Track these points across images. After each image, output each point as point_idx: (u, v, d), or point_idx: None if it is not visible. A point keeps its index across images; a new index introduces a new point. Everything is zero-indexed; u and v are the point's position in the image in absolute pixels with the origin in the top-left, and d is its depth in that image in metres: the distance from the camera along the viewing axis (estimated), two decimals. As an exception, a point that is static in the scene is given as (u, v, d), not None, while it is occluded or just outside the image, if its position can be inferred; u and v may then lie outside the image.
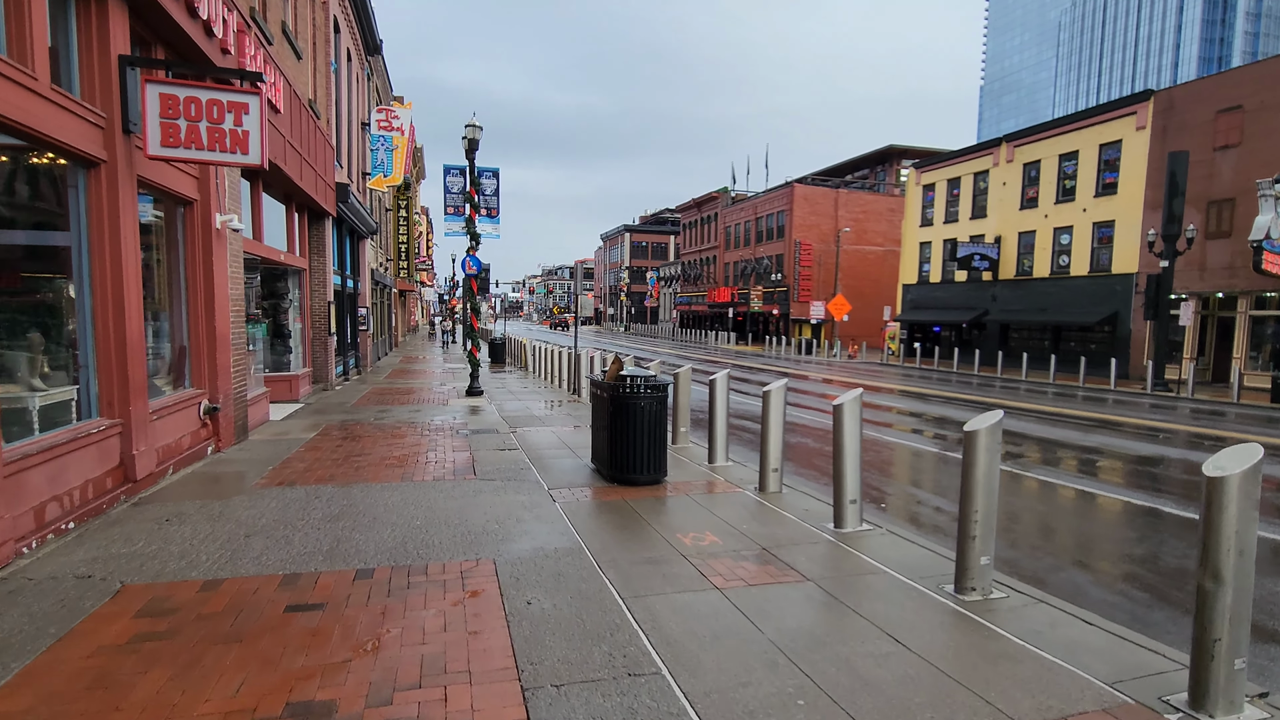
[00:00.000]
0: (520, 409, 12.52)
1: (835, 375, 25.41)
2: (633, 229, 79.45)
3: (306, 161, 12.32)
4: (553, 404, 13.37)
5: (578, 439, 9.43)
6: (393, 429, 10.00)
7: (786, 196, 46.97)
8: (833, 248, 45.70)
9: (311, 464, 7.53)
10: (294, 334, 13.43)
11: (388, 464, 7.61)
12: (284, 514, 5.53)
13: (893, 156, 49.96)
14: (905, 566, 4.64)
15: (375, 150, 20.82)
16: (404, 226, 27.28)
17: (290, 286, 13.33)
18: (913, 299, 37.08)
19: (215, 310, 7.92)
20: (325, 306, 14.74)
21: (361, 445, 8.70)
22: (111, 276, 5.81)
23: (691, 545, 5.01)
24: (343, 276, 17.58)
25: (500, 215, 14.86)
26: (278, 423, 10.38)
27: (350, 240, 19.57)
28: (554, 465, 7.74)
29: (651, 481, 6.88)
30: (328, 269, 14.89)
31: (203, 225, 7.80)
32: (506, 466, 7.61)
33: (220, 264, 8.07)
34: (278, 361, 12.98)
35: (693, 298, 61.89)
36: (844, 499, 5.42)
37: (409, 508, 5.81)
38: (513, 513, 5.75)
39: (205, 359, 7.89)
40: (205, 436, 7.80)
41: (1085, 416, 14.88)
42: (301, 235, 13.65)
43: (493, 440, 9.25)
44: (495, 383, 17.50)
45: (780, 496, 6.53)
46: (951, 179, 34.68)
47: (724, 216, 56.24)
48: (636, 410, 6.75)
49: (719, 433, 7.90)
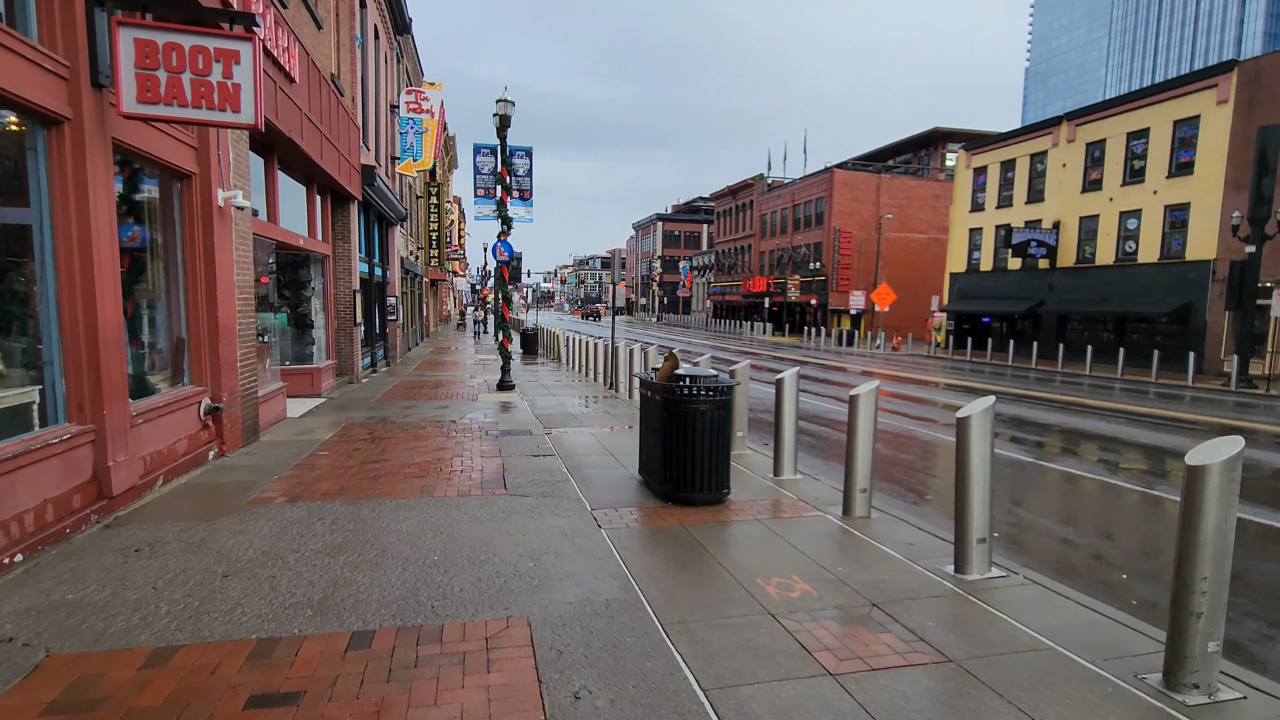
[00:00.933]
0: (555, 406, 11.50)
1: (885, 369, 23.93)
2: (665, 218, 78.00)
3: (328, 139, 11.42)
4: (589, 400, 12.33)
5: (619, 443, 8.35)
6: (417, 429, 9.06)
7: (826, 182, 45.14)
8: (873, 235, 43.82)
9: (322, 473, 6.58)
10: (317, 324, 12.60)
11: (407, 473, 6.63)
12: (276, 543, 4.56)
13: (938, 140, 47.70)
14: (1075, 639, 3.45)
15: (404, 134, 19.96)
16: (435, 214, 26.48)
17: (312, 274, 12.49)
18: (961, 288, 35.16)
19: (218, 298, 7.01)
20: (350, 295, 13.90)
21: (381, 449, 7.75)
22: (80, 257, 4.89)
23: (778, 598, 3.89)
24: (370, 264, 16.77)
25: (533, 198, 13.85)
26: (295, 421, 9.52)
27: (379, 227, 18.76)
28: (595, 477, 6.67)
29: (712, 501, 5.77)
30: (353, 256, 14.05)
31: (203, 202, 6.88)
32: (541, 478, 6.57)
33: (224, 246, 7.16)
34: (299, 353, 12.17)
35: (727, 287, 60.38)
36: (969, 536, 4.24)
37: (426, 535, 4.79)
38: (550, 544, 4.70)
39: (206, 353, 7.00)
40: (206, 440, 6.92)
41: (1200, 420, 13.30)
42: (324, 220, 12.79)
43: (525, 444, 8.23)
44: (527, 376, 16.54)
45: (870, 524, 5.36)
46: (1005, 161, 32.62)
47: (760, 204, 54.54)
48: (695, 417, 5.63)
49: (787, 442, 6.74)
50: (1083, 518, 6.66)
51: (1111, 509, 6.98)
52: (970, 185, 34.69)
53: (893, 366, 25.11)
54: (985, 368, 26.05)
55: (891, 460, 8.94)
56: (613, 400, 12.39)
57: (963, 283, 35.12)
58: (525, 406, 11.36)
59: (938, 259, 45.61)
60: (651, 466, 6.14)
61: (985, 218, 33.75)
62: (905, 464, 8.81)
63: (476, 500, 5.73)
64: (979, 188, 34.29)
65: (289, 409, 10.11)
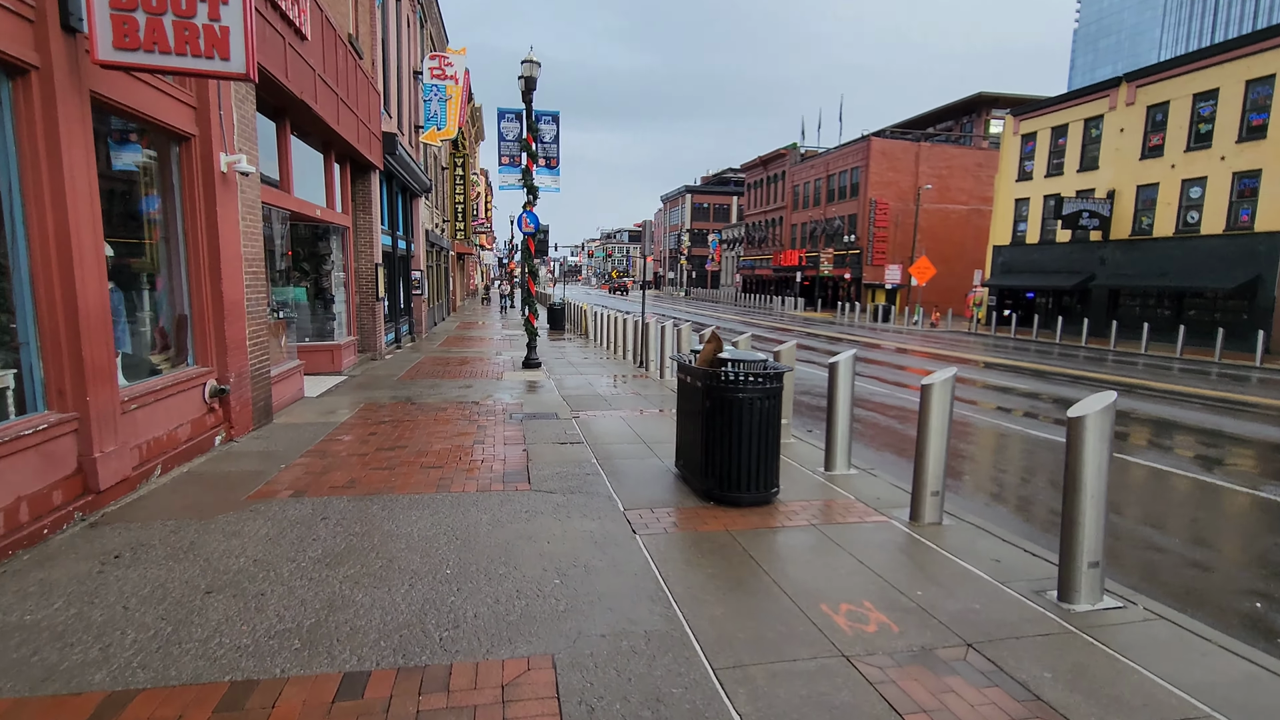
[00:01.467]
0: (582, 386, 10.91)
1: (927, 347, 22.88)
2: (694, 190, 76.39)
3: (345, 104, 10.80)
4: (618, 380, 11.71)
5: (652, 429, 7.73)
6: (438, 410, 8.54)
7: (862, 151, 43.39)
8: (911, 206, 42.12)
9: (333, 461, 6.08)
10: (337, 299, 12.13)
11: (424, 463, 6.09)
12: (272, 549, 4.04)
13: (982, 105, 45.45)
14: (1236, 705, 2.75)
15: (428, 101, 19.29)
16: (461, 185, 25.87)
17: (332, 247, 12.00)
18: (1004, 262, 33.59)
19: (222, 272, 6.49)
20: (372, 269, 13.42)
21: (399, 433, 7.24)
22: (55, 225, 4.36)
23: (851, 633, 3.24)
24: (393, 237, 16.27)
25: (560, 167, 13.14)
26: (312, 401, 9.08)
27: (402, 198, 18.22)
28: (627, 469, 6.06)
29: (759, 501, 5.12)
30: (375, 228, 13.53)
31: (203, 167, 6.32)
32: (569, 470, 5.98)
33: (228, 216, 6.62)
34: (319, 330, 11.73)
35: (756, 261, 59.02)
36: (1078, 559, 3.53)
37: (439, 542, 4.23)
38: (579, 554, 4.10)
39: (211, 331, 6.51)
40: (212, 424, 6.46)
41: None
42: (344, 189, 12.24)
43: (551, 429, 7.65)
44: (554, 353, 15.99)
45: (943, 532, 4.66)
46: (1056, 127, 30.78)
47: (792, 175, 52.86)
48: (742, 407, 4.96)
49: (841, 434, 6.03)
50: (1187, 525, 5.87)
51: (1222, 516, 6.16)
52: (1017, 153, 32.89)
53: (934, 344, 24.03)
54: (1030, 345, 24.81)
55: (950, 451, 8.18)
56: (643, 380, 11.76)
57: (1006, 256, 33.53)
58: (552, 386, 10.79)
59: (979, 231, 43.79)
60: (690, 460, 5.51)
61: (1033, 187, 32.02)
62: (966, 456, 8.05)
63: (497, 497, 5.16)
64: (1027, 155, 32.50)
65: (307, 388, 9.68)
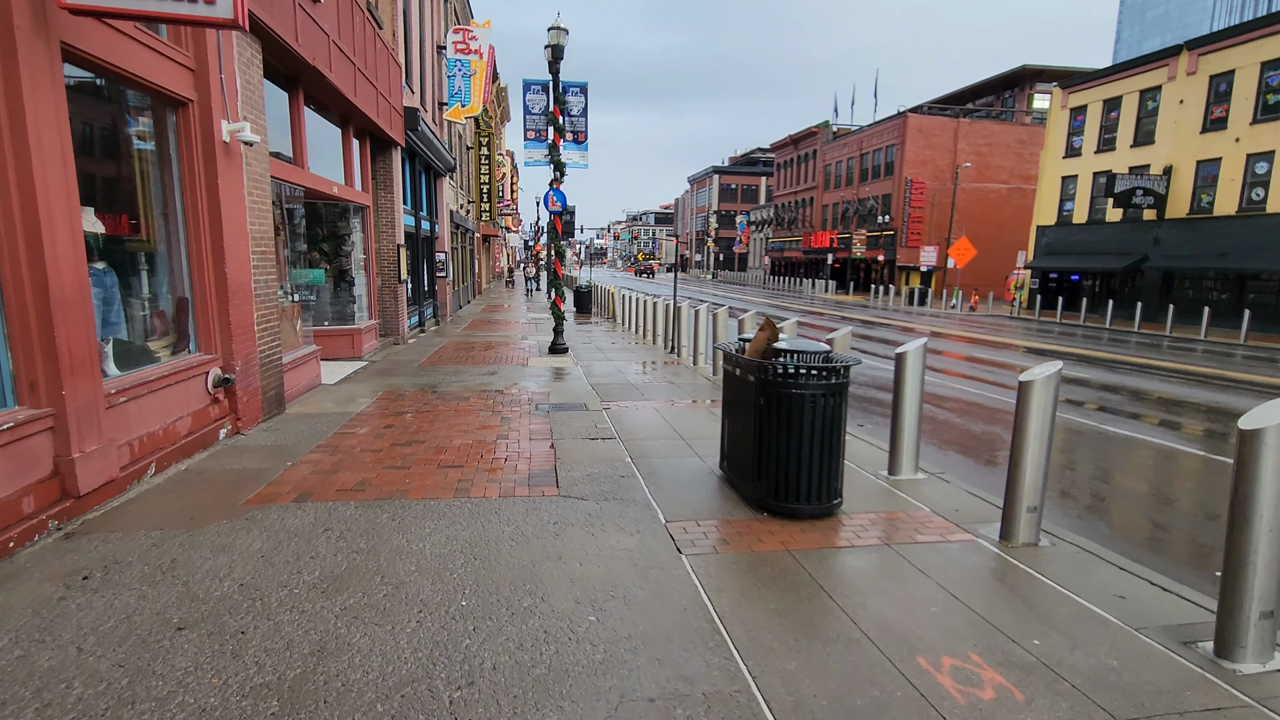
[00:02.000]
0: (612, 373, 10.28)
1: (970, 332, 21.81)
2: (722, 170, 74.88)
3: (363, 75, 10.20)
4: (649, 366, 11.06)
5: (689, 422, 7.07)
6: (460, 400, 7.99)
7: (898, 128, 41.78)
8: (948, 186, 40.51)
9: (344, 458, 5.54)
10: (358, 282, 11.63)
11: (442, 461, 5.53)
12: (262, 569, 3.49)
13: (1025, 79, 43.41)
14: None
15: (452, 77, 18.63)
16: (486, 165, 25.27)
17: (352, 227, 11.47)
18: (1049, 242, 32.05)
19: (226, 251, 5.95)
20: (394, 250, 12.89)
21: (417, 425, 6.69)
22: (20, 196, 3.81)
23: (963, 700, 2.57)
24: (416, 217, 15.73)
25: (588, 141, 12.42)
26: (328, 389, 8.59)
27: (426, 177, 17.67)
28: (666, 470, 5.42)
29: (820, 513, 4.44)
30: (397, 207, 12.98)
31: (203, 136, 5.76)
32: (601, 470, 5.36)
33: (232, 190, 6.07)
34: (339, 313, 11.25)
35: (786, 243, 57.67)
36: (1247, 606, 2.79)
37: (455, 562, 3.64)
38: (617, 580, 3.48)
39: (215, 315, 5.99)
40: (216, 416, 5.96)
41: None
42: (364, 166, 11.69)
43: (580, 421, 7.04)
44: (581, 337, 15.38)
45: (1043, 556, 3.94)
46: (1109, 99, 29.06)
47: (824, 154, 51.29)
48: (802, 406, 4.27)
49: (908, 434, 5.30)
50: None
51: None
52: (1065, 128, 31.20)
53: (976, 329, 22.92)
54: (1078, 330, 23.57)
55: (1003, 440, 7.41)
56: (674, 367, 11.09)
57: (1051, 237, 31.98)
58: (580, 374, 10.18)
59: (1020, 211, 42.05)
60: (739, 462, 4.84)
61: (1082, 164, 30.38)
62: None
63: (522, 504, 4.56)
64: (1076, 130, 30.81)
65: (325, 374, 9.21)
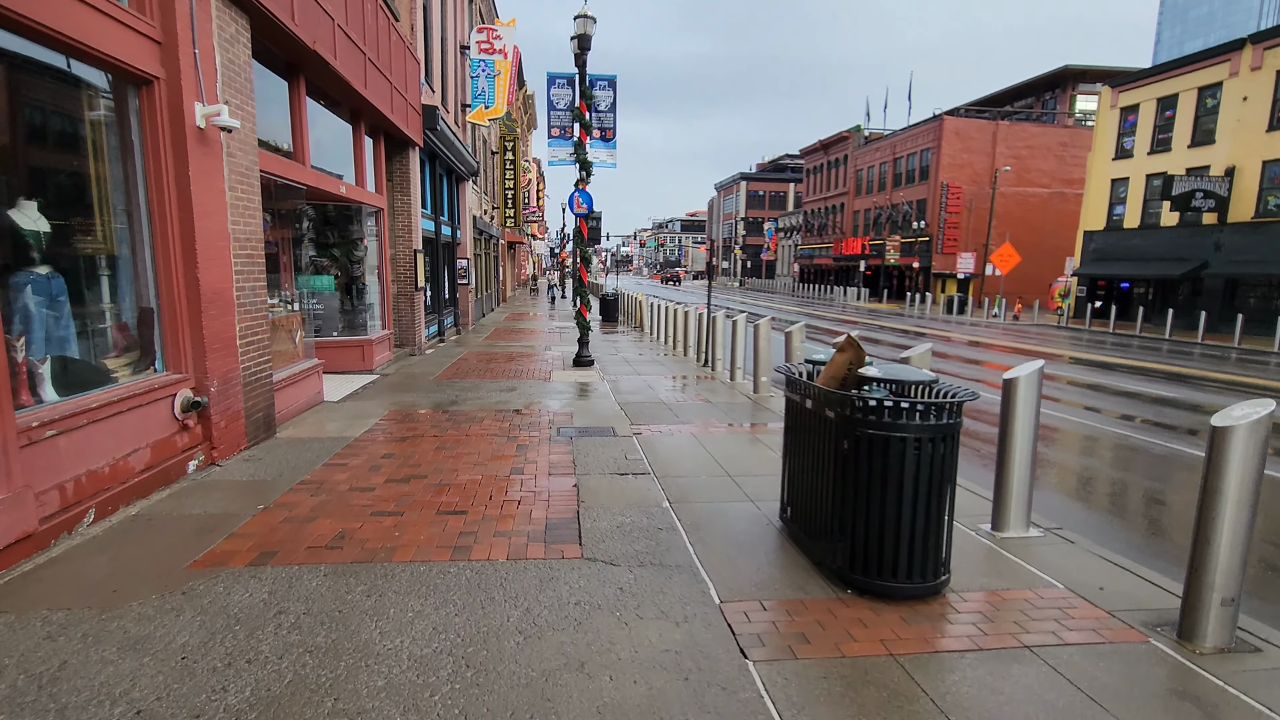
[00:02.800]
0: (641, 389, 9.28)
1: (1019, 342, 20.40)
2: (749, 177, 73.67)
3: (375, 66, 9.40)
4: (682, 382, 10.04)
5: (733, 454, 6.04)
6: (473, 422, 7.06)
7: (933, 132, 40.28)
8: (986, 190, 38.88)
9: (326, 499, 4.62)
10: (370, 289, 10.82)
11: (443, 504, 4.57)
12: (177, 682, 2.53)
13: (1067, 80, 41.60)
14: None
15: (475, 78, 17.90)
16: (511, 170, 24.54)
17: (365, 230, 10.67)
18: (1098, 248, 30.32)
19: (199, 253, 5.10)
20: (411, 256, 12.08)
21: (420, 455, 5.76)
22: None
23: None
24: (436, 222, 14.96)
25: (617, 138, 11.50)
26: (330, 407, 7.73)
27: (447, 181, 16.93)
28: (714, 520, 4.39)
29: (923, 593, 3.37)
30: (414, 210, 12.18)
31: (171, 120, 4.92)
32: (634, 520, 4.35)
33: (208, 183, 5.22)
34: (350, 323, 10.43)
35: (815, 250, 56.24)
36: None
37: (440, 673, 2.66)
38: (662, 710, 2.46)
39: (185, 328, 5.13)
40: (185, 446, 5.09)
41: None
42: (377, 166, 10.90)
43: (608, 451, 6.05)
44: (607, 347, 14.42)
45: (1250, 670, 2.83)
46: (1164, 98, 27.37)
47: (855, 159, 49.88)
48: (904, 454, 3.22)
49: (1017, 481, 4.20)
50: None
51: None
52: (1115, 128, 29.53)
53: (1024, 339, 21.47)
54: (1133, 340, 21.98)
55: (1125, 484, 6.22)
56: (709, 383, 10.06)
57: (1100, 242, 30.26)
58: (606, 390, 9.20)
59: (1061, 216, 40.26)
60: (808, 515, 3.80)
61: (1133, 165, 28.68)
62: (1156, 496, 6.07)
63: (535, 571, 3.57)
64: (1126, 130, 29.13)
65: (329, 390, 8.36)
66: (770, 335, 9.18)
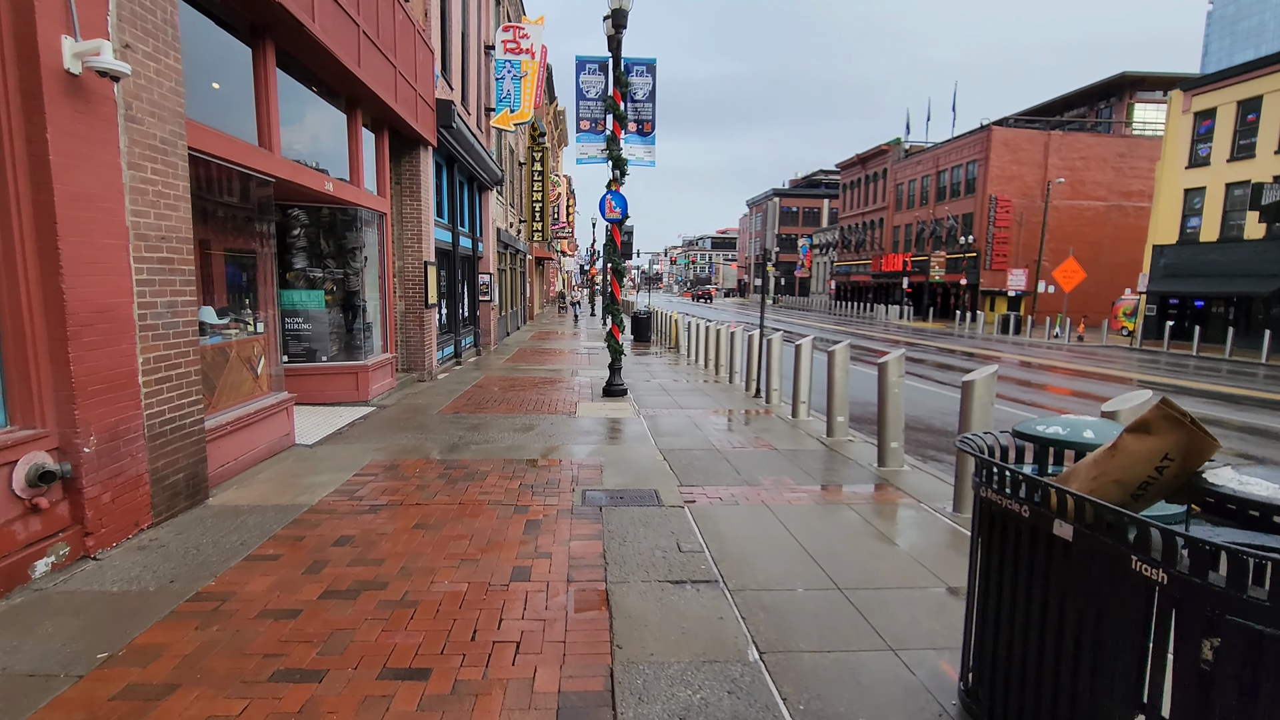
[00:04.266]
0: (685, 428, 7.45)
1: (1110, 369, 18.07)
2: (782, 193, 71.71)
3: (373, 44, 7.87)
4: (733, 419, 8.18)
5: (832, 540, 4.16)
6: (474, 478, 5.32)
7: (981, 143, 37.98)
8: (1037, 204, 36.40)
9: (217, 638, 2.88)
10: (370, 305, 9.24)
11: (398, 649, 2.80)
12: None
13: (1124, 88, 39.01)
14: None
15: (500, 79, 16.48)
16: (539, 182, 23.10)
17: (364, 238, 9.12)
18: (1169, 263, 27.66)
19: (63, 254, 3.46)
20: (420, 268, 10.51)
21: (387, 540, 4.02)
22: None
23: None
24: (454, 233, 13.43)
25: (655, 133, 9.80)
26: (302, 453, 6.05)
27: (469, 190, 15.45)
28: (840, 696, 2.54)
29: None
30: (425, 218, 10.63)
31: (19, 55, 3.33)
32: (704, 689, 2.51)
33: (83, 153, 3.60)
34: (345, 344, 8.84)
35: (853, 266, 53.93)
36: None
37: None
38: None
39: (41, 361, 3.49)
40: (30, 537, 3.41)
41: None
42: (380, 164, 9.36)
43: (652, 536, 4.23)
44: (640, 372, 12.65)
45: None
46: (1245, 100, 24.84)
47: (894, 173, 47.68)
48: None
49: None
50: None
51: None
52: (1189, 134, 27.00)
53: (1107, 363, 19.11)
54: (1222, 365, 19.44)
55: None
56: (765, 418, 8.19)
57: (1172, 257, 27.60)
58: (643, 429, 7.39)
59: (1120, 230, 37.56)
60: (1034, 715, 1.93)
61: (1210, 174, 26.10)
62: None
63: None
64: (1201, 137, 26.59)
65: (306, 429, 6.72)
66: (848, 364, 7.29)
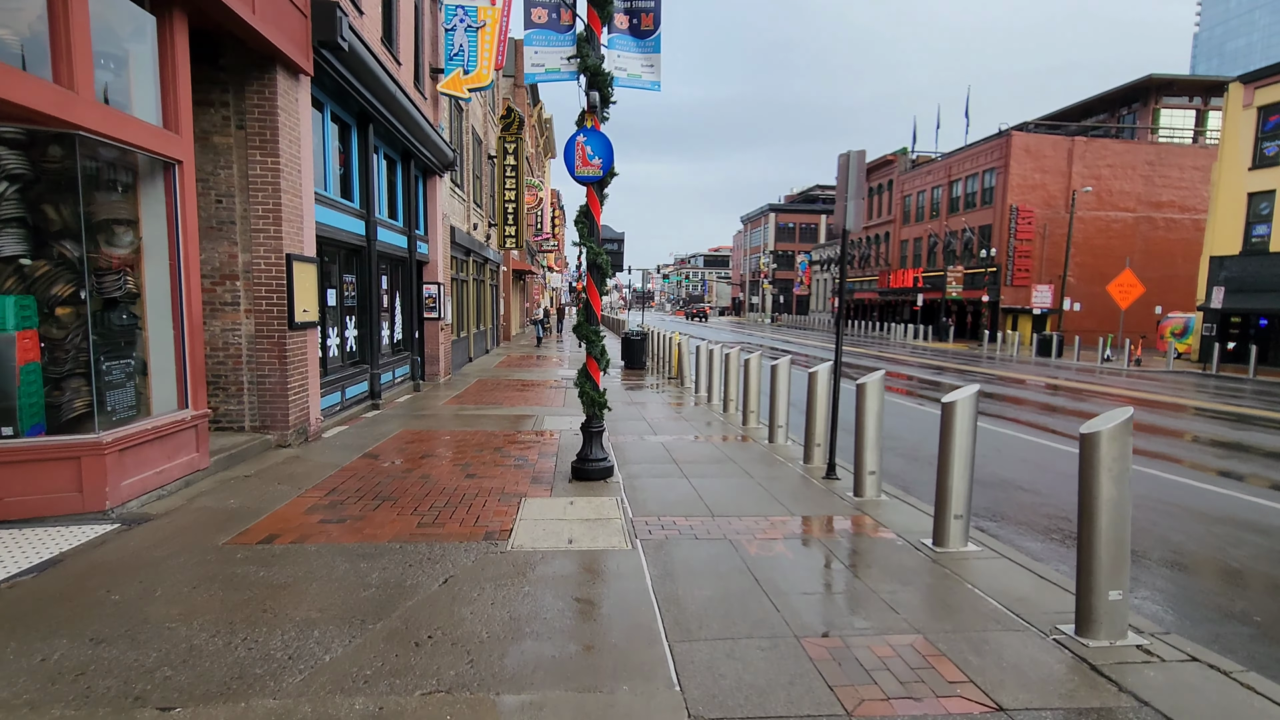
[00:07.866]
0: (723, 565, 3.29)
1: (1201, 399, 14.05)
2: (779, 209, 68.22)
3: None
4: (810, 533, 4.02)
5: None
6: None
7: (999, 149, 34.45)
8: (1061, 215, 32.88)
9: None
10: (153, 322, 5.07)
11: None
12: None
13: (1150, 92, 35.70)
14: None
15: (450, 31, 12.49)
16: (512, 177, 19.07)
17: (142, 202, 4.97)
18: (1231, 276, 23.93)
19: None
20: (283, 265, 6.36)
21: None
22: None
23: None
24: (368, 221, 9.31)
25: (660, 32, 5.83)
26: None
27: (402, 169, 11.35)
28: None
29: None
30: (291, 184, 6.52)
31: None
32: None
33: None
34: (81, 395, 4.61)
35: (857, 283, 50.21)
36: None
37: None
38: None
39: None
40: None
41: None
42: (171, 75, 5.22)
43: None
44: (631, 418, 8.51)
45: None
46: (1324, 90, 21.32)
47: (901, 184, 44.17)
48: None
49: None
50: None
51: None
52: (1252, 132, 23.42)
53: (1203, 395, 15.09)
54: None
55: None
56: (869, 537, 4.03)
57: (1235, 270, 23.88)
58: (644, 588, 3.22)
59: (1150, 244, 34.07)
60: None
61: (1278, 176, 22.50)
62: None
63: None
64: (1268, 134, 23.02)
65: None
66: (969, 415, 3.15)
